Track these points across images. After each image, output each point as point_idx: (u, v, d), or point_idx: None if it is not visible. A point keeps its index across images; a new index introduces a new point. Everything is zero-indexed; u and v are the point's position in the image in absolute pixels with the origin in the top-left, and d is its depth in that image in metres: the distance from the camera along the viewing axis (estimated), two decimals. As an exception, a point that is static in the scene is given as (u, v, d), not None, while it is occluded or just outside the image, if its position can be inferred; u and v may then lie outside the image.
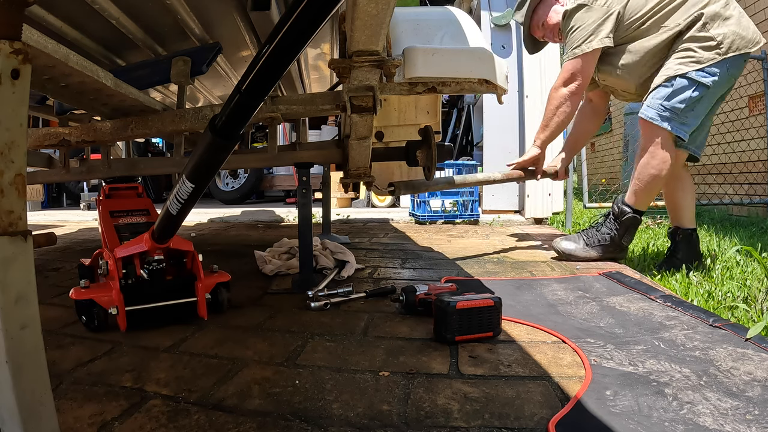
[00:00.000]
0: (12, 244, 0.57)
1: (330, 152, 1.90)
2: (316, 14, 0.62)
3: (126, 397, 0.88)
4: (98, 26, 1.83)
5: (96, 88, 1.33)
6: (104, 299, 1.21)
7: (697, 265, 1.94)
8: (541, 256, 2.29)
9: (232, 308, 1.43)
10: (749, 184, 4.34)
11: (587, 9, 1.98)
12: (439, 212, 3.88)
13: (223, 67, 2.44)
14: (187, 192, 0.94)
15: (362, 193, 5.26)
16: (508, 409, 0.83)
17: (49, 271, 2.03)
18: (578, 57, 2.00)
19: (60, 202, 6.61)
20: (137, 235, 1.30)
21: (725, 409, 0.80)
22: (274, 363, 1.04)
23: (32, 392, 0.58)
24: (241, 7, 1.87)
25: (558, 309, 1.40)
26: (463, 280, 1.77)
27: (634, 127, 6.62)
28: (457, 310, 1.12)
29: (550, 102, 2.12)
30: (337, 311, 1.42)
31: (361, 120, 1.37)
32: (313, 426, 0.78)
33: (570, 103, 2.08)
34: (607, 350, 1.07)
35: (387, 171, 2.32)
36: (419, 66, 1.26)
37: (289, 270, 1.92)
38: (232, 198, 6.21)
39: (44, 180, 2.53)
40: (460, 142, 6.40)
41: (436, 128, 2.16)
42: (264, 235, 3.26)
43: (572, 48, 2.01)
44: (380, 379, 0.95)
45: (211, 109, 1.57)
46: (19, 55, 0.57)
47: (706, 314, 1.28)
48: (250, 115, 0.77)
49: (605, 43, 1.96)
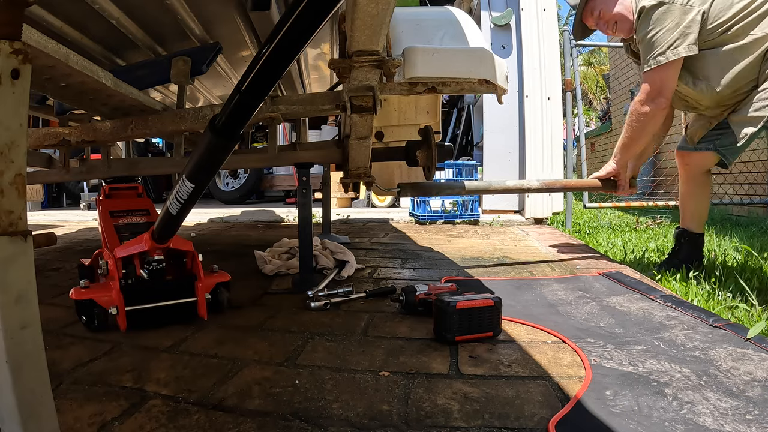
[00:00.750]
0: (12, 244, 0.57)
1: (330, 152, 1.90)
2: (316, 14, 0.62)
3: (126, 397, 0.88)
4: (98, 26, 1.83)
5: (96, 88, 1.33)
6: (104, 299, 1.21)
7: (698, 266, 1.94)
8: (541, 256, 2.29)
9: (232, 308, 1.43)
10: (749, 184, 4.34)
11: (667, 8, 1.72)
12: (439, 212, 3.88)
13: (223, 67, 2.44)
14: (187, 192, 0.94)
15: (362, 193, 5.26)
16: (508, 409, 0.83)
17: (49, 271, 2.03)
18: (663, 66, 1.73)
19: (60, 202, 6.61)
20: (137, 235, 1.30)
21: (725, 409, 0.80)
22: (274, 363, 1.04)
23: (32, 392, 0.58)
24: (241, 7, 1.87)
25: (558, 309, 1.40)
26: (463, 280, 1.77)
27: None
28: (457, 310, 1.12)
29: (637, 120, 1.86)
30: (337, 311, 1.42)
31: (361, 120, 1.37)
32: (313, 426, 0.78)
33: (655, 122, 1.85)
34: (607, 350, 1.07)
35: (387, 171, 2.32)
36: (419, 66, 1.26)
37: (289, 270, 1.92)
38: (232, 198, 6.21)
39: (44, 180, 2.53)
40: (460, 142, 6.40)
41: (436, 128, 2.16)
42: (264, 235, 3.26)
43: (655, 55, 1.74)
44: (380, 379, 0.95)
45: (211, 109, 1.57)
46: (19, 55, 0.57)
47: (706, 314, 1.28)
48: (250, 115, 0.77)
49: (693, 51, 1.71)
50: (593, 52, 16.26)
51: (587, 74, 15.78)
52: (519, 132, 3.96)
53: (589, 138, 9.51)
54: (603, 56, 15.61)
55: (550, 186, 2.19)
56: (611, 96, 9.97)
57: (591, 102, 16.58)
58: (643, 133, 1.89)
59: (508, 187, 2.14)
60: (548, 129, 3.86)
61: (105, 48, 2.07)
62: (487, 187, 2.15)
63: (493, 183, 2.17)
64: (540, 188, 2.11)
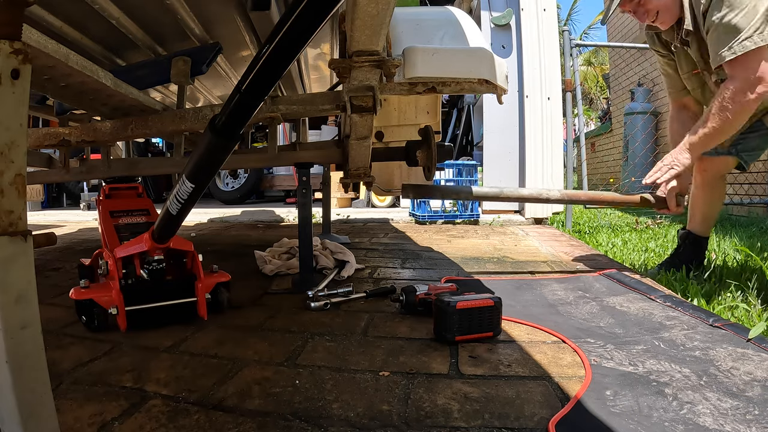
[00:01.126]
0: (12, 244, 0.57)
1: (330, 152, 1.90)
2: (316, 14, 0.62)
3: (126, 397, 0.88)
4: (98, 26, 1.83)
5: (96, 88, 1.33)
6: (104, 299, 1.21)
7: (698, 266, 1.93)
8: (541, 256, 2.29)
9: (232, 308, 1.43)
10: (749, 184, 4.34)
11: None
12: (439, 212, 3.88)
13: (223, 67, 2.44)
14: (187, 192, 0.94)
15: (362, 193, 5.26)
16: (508, 409, 0.83)
17: (49, 271, 2.03)
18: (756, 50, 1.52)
19: (60, 202, 6.61)
20: (137, 235, 1.30)
21: (725, 409, 0.80)
22: (274, 363, 1.04)
23: (32, 392, 0.58)
24: (241, 7, 1.87)
25: (558, 309, 1.40)
26: (463, 280, 1.77)
27: (633, 127, 6.65)
28: (458, 310, 1.12)
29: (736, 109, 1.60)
30: (337, 311, 1.42)
31: (361, 120, 1.37)
32: (313, 426, 0.78)
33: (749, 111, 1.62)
34: (607, 350, 1.07)
35: (387, 171, 2.32)
36: (419, 66, 1.26)
37: (289, 270, 1.92)
38: (232, 198, 6.21)
39: (44, 180, 2.53)
40: (460, 142, 6.40)
41: (436, 128, 2.15)
42: (264, 235, 3.26)
43: (741, 39, 1.52)
44: (380, 379, 0.95)
45: (211, 109, 1.57)
46: (19, 55, 0.57)
47: (706, 314, 1.28)
48: (250, 115, 0.77)
49: None
50: (594, 52, 16.26)
51: (587, 74, 15.77)
52: (519, 132, 3.96)
53: (589, 138, 9.51)
54: (603, 56, 15.61)
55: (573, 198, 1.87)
56: (611, 96, 9.96)
57: (591, 101, 16.58)
58: (736, 124, 1.66)
59: (522, 196, 1.87)
60: (548, 129, 3.86)
61: (105, 48, 2.07)
62: (498, 194, 1.86)
63: (505, 189, 1.88)
64: (560, 199, 1.83)
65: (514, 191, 1.91)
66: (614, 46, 6.89)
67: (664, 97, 6.37)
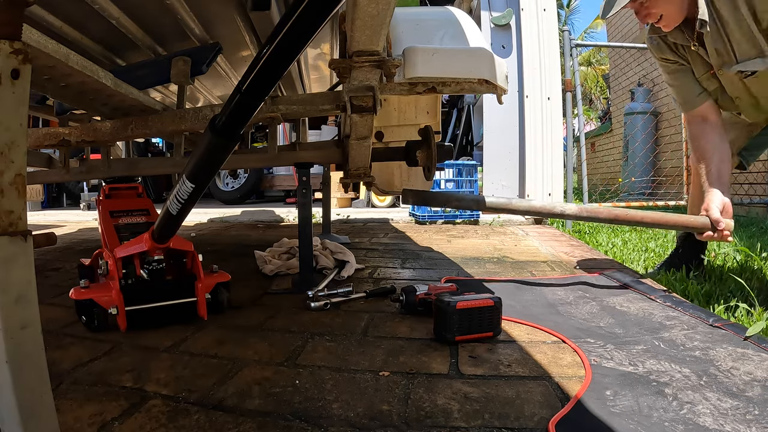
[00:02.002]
0: (12, 244, 0.57)
1: (330, 152, 1.90)
2: (316, 14, 0.62)
3: (126, 397, 0.88)
4: (98, 26, 1.83)
5: (96, 88, 1.33)
6: (104, 299, 1.21)
7: (698, 266, 1.93)
8: (541, 256, 2.29)
9: (232, 308, 1.43)
10: (749, 184, 4.34)
11: None
12: (440, 212, 3.88)
13: (223, 67, 2.44)
14: (187, 192, 0.94)
15: (362, 193, 5.26)
16: (508, 409, 0.83)
17: (49, 271, 2.03)
18: None
19: (60, 202, 6.61)
20: (137, 235, 1.30)
21: (725, 409, 0.80)
22: (274, 363, 1.04)
23: (32, 392, 0.58)
24: (241, 7, 1.87)
25: (558, 309, 1.40)
26: (463, 280, 1.77)
27: (633, 127, 6.65)
28: (458, 310, 1.12)
29: None
30: (337, 311, 1.42)
31: (361, 120, 1.37)
32: (313, 426, 0.78)
33: None
34: (607, 350, 1.07)
35: (387, 171, 2.32)
36: (419, 66, 1.26)
37: (289, 270, 1.92)
38: (232, 198, 6.21)
39: (44, 180, 2.53)
40: (460, 142, 6.40)
41: (436, 128, 2.15)
42: (264, 235, 3.26)
43: None
44: (380, 379, 0.95)
45: (211, 109, 1.57)
46: (19, 55, 0.57)
47: (706, 314, 1.28)
48: (251, 115, 0.77)
49: None
50: (595, 52, 16.26)
51: (587, 74, 15.78)
52: (519, 132, 3.96)
53: (589, 138, 9.51)
54: (603, 56, 15.61)
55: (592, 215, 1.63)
56: (611, 96, 9.97)
57: (591, 101, 16.58)
58: None
59: (534, 208, 1.65)
60: (548, 129, 3.86)
61: (105, 48, 2.07)
62: (506, 204, 1.64)
63: (513, 201, 1.66)
64: (578, 215, 1.61)
65: (523, 203, 1.74)
66: (614, 46, 6.88)
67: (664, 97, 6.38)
